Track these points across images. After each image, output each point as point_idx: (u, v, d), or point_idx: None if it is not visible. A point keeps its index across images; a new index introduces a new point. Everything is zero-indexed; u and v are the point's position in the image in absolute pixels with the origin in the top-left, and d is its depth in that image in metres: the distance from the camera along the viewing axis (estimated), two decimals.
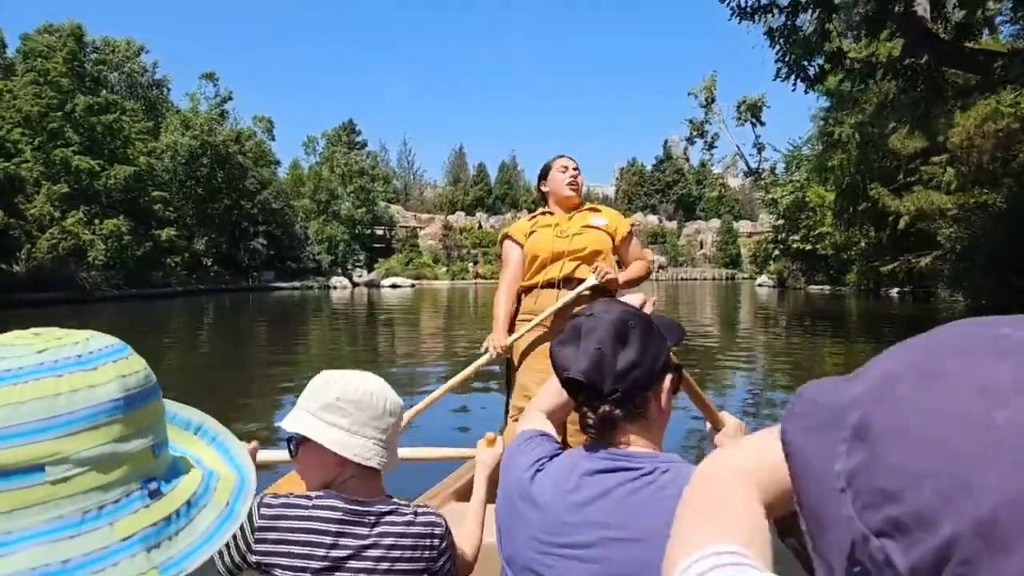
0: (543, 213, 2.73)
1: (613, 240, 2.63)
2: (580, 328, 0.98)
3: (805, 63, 8.34)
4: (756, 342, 13.07)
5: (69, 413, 0.44)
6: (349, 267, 44.50)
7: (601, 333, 0.95)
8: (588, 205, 2.73)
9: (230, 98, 36.12)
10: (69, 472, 0.44)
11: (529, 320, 2.57)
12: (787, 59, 8.38)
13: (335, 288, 39.05)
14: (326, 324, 18.12)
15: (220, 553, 1.13)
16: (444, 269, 47.31)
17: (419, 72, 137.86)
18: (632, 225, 2.80)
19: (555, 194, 2.69)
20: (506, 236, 2.77)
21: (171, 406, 0.61)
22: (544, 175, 2.77)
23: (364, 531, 1.14)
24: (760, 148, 30.94)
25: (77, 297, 21.35)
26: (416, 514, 1.19)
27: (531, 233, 2.66)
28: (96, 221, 24.07)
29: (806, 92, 8.50)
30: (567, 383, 0.98)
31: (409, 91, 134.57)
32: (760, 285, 38.20)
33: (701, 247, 57.93)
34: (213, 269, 35.66)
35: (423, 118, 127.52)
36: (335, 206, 42.27)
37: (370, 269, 45.16)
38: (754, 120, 30.68)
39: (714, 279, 50.35)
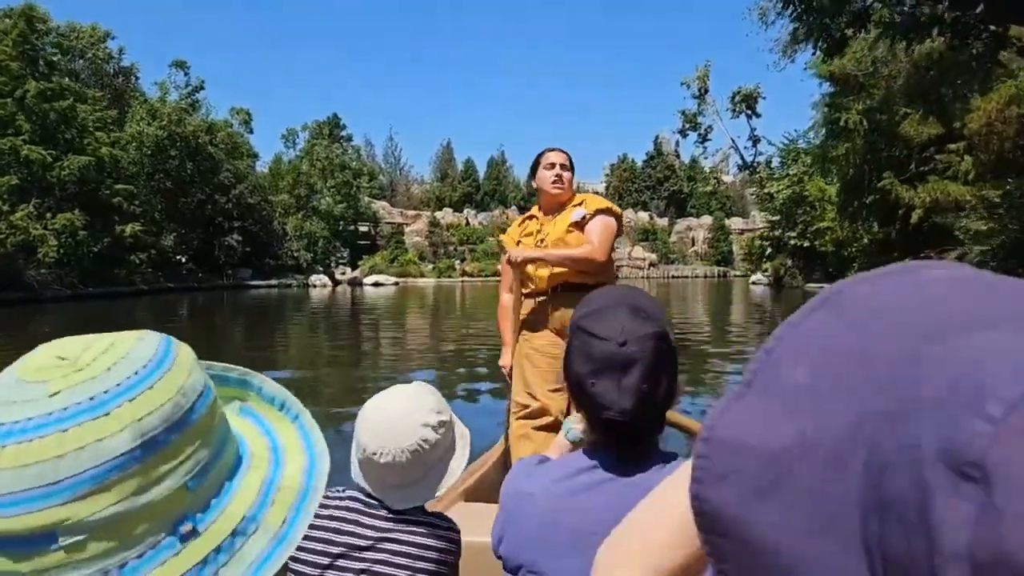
0: (530, 217, 2.74)
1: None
2: (615, 359, 0.90)
3: (828, 21, 7.09)
4: (754, 343, 11.99)
5: (74, 476, 0.39)
6: (332, 264, 43.19)
7: (643, 367, 0.89)
8: (576, 200, 2.64)
9: (201, 87, 34.47)
10: (82, 536, 0.40)
11: (530, 328, 2.63)
12: (808, 18, 7.11)
13: (314, 286, 37.70)
14: (302, 324, 16.87)
15: None
16: (430, 267, 46.07)
17: (406, 67, 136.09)
18: (607, 206, 2.62)
19: (541, 191, 2.67)
20: (500, 243, 2.89)
21: (255, 378, 0.58)
22: (533, 171, 2.72)
23: (382, 524, 1.14)
24: (756, 140, 29.80)
25: (26, 297, 19.80)
26: (437, 522, 1.17)
27: (519, 242, 2.68)
28: (48, 215, 22.43)
29: (824, 61, 7.38)
30: (603, 422, 0.92)
31: (396, 86, 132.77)
32: (754, 283, 37.01)
33: (692, 244, 57.06)
34: (187, 267, 34.18)
35: (410, 113, 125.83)
36: (315, 201, 40.75)
37: (354, 267, 43.89)
38: (749, 111, 29.58)
39: (706, 276, 49.39)
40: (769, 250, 35.64)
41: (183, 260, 34.66)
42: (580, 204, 2.61)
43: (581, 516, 0.92)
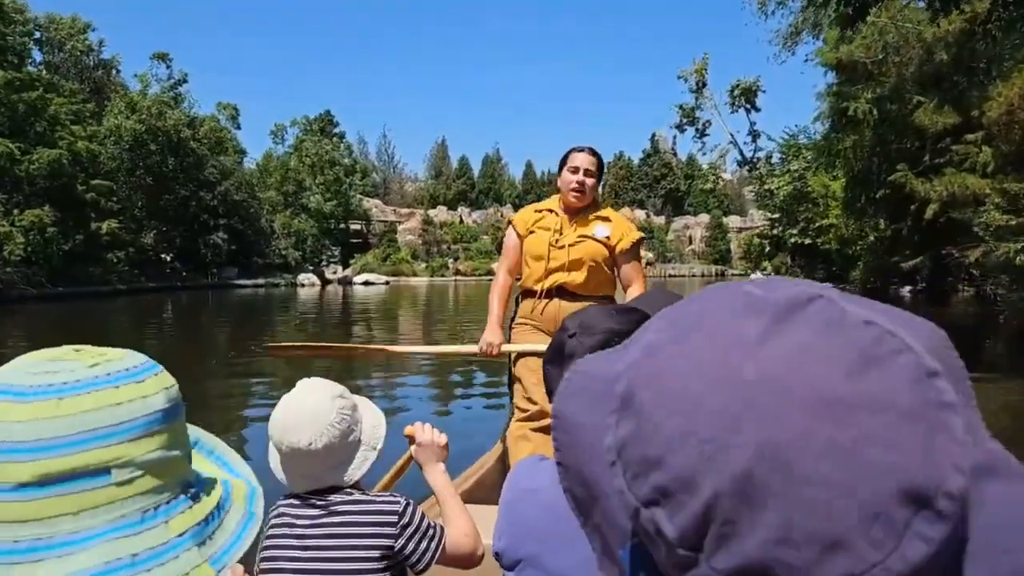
0: (549, 210, 2.69)
1: (612, 252, 2.59)
2: (562, 348, 0.97)
3: None
4: None
5: (130, 421, 0.48)
6: (324, 263, 42.29)
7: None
8: (598, 212, 2.64)
9: (185, 81, 33.32)
10: (131, 475, 0.48)
11: (526, 324, 2.64)
12: None
13: (303, 286, 36.73)
14: (285, 325, 15.90)
15: None
16: (423, 265, 45.20)
17: (400, 63, 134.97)
18: (639, 239, 2.67)
19: (562, 193, 2.65)
20: (510, 222, 2.80)
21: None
22: (560, 167, 2.67)
23: (314, 511, 1.20)
24: (755, 135, 28.86)
25: None
26: (371, 499, 1.22)
27: (532, 230, 2.65)
28: (15, 211, 21.35)
29: (844, 30, 6.58)
30: None
31: (390, 83, 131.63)
32: None
33: (690, 243, 56.34)
34: (171, 265, 33.20)
35: (404, 110, 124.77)
36: (304, 199, 39.71)
37: (345, 265, 43.01)
38: (748, 106, 28.69)
39: (703, 275, 48.63)
40: (768, 248, 34.75)
41: (168, 259, 33.70)
42: (606, 221, 2.61)
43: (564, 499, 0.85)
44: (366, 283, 39.07)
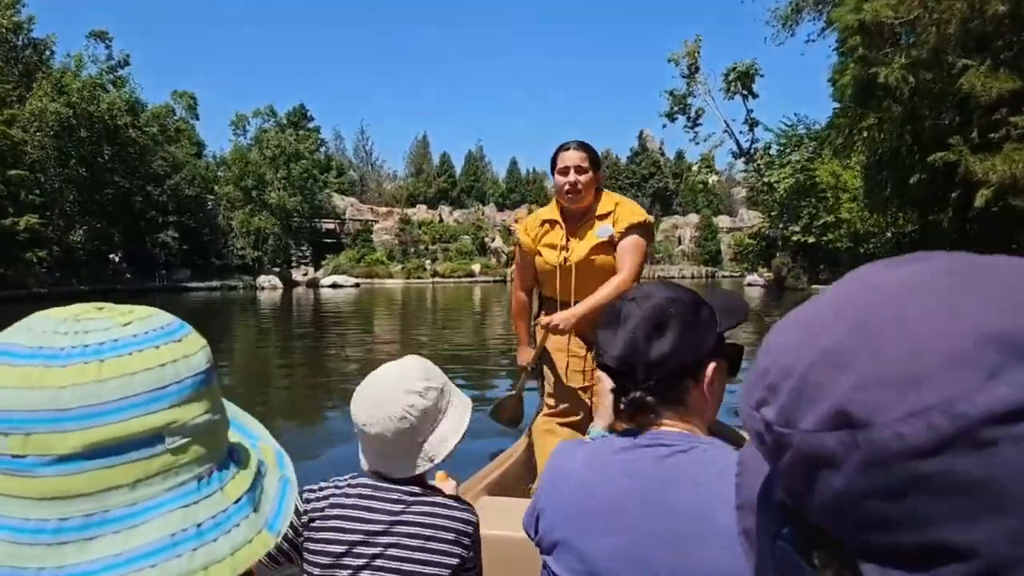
0: (551, 222, 2.63)
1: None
2: (620, 312, 1.00)
3: None
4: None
5: (177, 383, 0.45)
6: (293, 264, 39.50)
7: (637, 320, 0.97)
8: (600, 210, 2.53)
9: (127, 63, 30.22)
10: (184, 441, 0.44)
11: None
12: None
13: (262, 288, 33.83)
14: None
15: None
16: (399, 267, 42.45)
17: (379, 55, 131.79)
18: (640, 220, 2.49)
19: (559, 196, 2.60)
20: (518, 241, 2.83)
21: None
22: (551, 169, 2.63)
23: (394, 507, 1.17)
24: (752, 124, 26.41)
25: None
26: (450, 502, 1.20)
27: (538, 251, 2.63)
28: None
29: None
30: (603, 367, 1.02)
31: (368, 76, 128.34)
32: (750, 284, 33.63)
33: (679, 243, 54.17)
34: (115, 267, 30.30)
35: (383, 105, 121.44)
36: (265, 194, 36.77)
37: (317, 266, 40.27)
38: (745, 92, 26.29)
39: (693, 277, 46.29)
40: (762, 248, 32.39)
41: (116, 259, 30.84)
42: (608, 215, 2.52)
43: (613, 495, 0.94)
44: (334, 285, 36.26)
